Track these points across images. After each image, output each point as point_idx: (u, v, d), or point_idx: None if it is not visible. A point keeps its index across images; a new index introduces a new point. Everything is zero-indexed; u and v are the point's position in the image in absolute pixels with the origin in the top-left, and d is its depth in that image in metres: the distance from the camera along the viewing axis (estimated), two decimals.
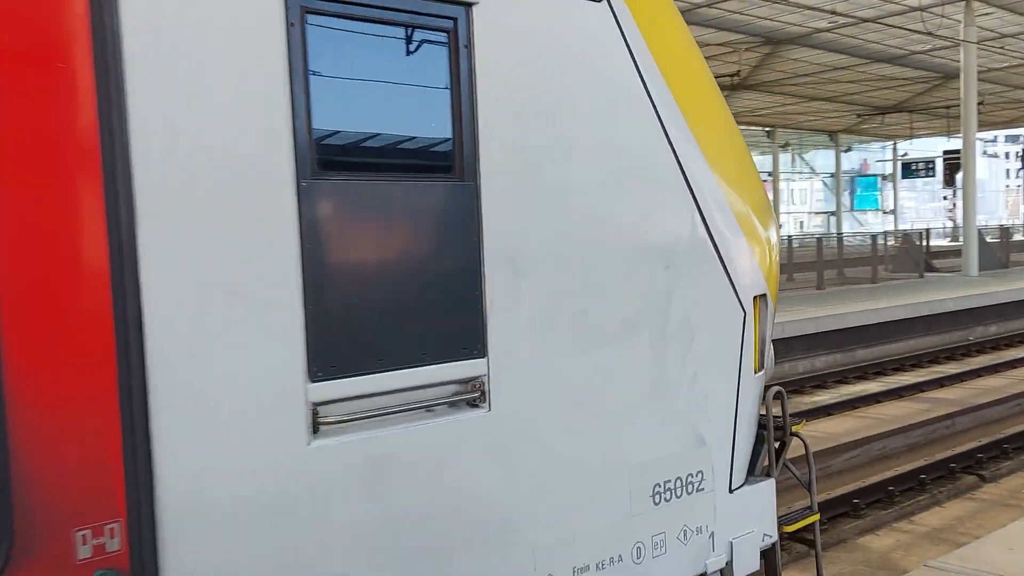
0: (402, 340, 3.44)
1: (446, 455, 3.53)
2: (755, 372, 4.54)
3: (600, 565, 3.99)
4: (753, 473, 4.67)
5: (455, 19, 3.51)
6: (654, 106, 4.04)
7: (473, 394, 3.60)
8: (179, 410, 2.98)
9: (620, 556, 4.07)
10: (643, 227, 4.08)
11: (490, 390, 3.66)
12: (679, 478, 4.25)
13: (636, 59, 3.96)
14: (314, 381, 3.24)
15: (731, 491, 4.44)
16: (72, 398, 2.79)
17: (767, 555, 4.66)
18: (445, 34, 3.47)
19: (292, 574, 3.22)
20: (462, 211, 3.56)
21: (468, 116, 3.55)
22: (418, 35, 3.39)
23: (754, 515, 4.55)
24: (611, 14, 3.90)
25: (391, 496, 3.41)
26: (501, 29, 3.61)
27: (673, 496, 4.23)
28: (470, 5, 3.55)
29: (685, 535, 4.28)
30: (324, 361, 3.27)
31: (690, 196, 4.19)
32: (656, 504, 4.17)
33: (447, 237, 3.54)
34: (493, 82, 3.60)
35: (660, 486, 4.19)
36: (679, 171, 4.14)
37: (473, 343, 3.61)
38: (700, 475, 4.31)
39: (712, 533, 4.37)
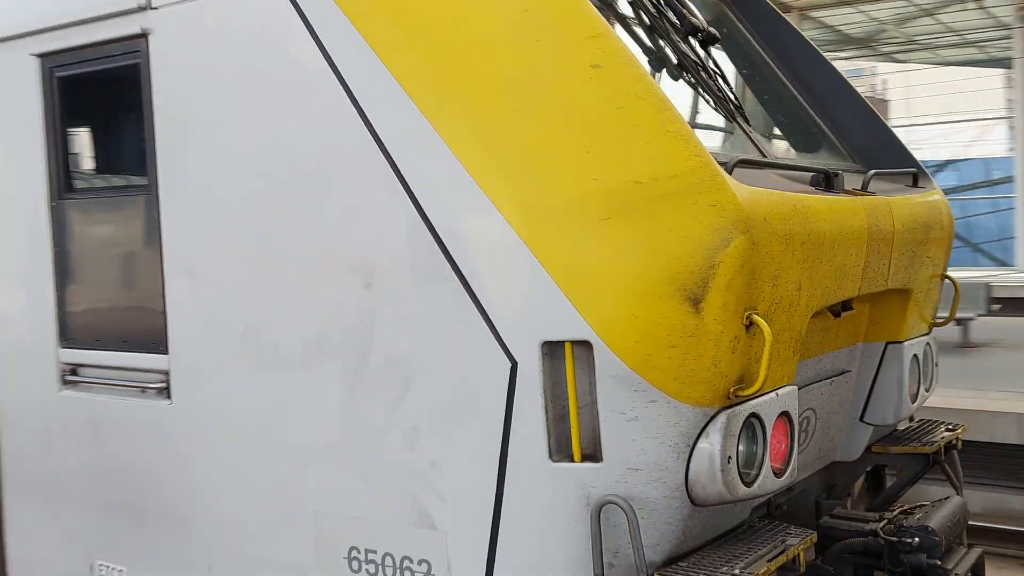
0: (113, 328, 4.41)
1: (140, 430, 4.26)
2: (551, 458, 3.13)
3: None
4: None
5: (135, 52, 4.03)
6: (351, 95, 3.34)
7: (161, 385, 4.18)
8: None
9: None
10: (328, 237, 3.42)
11: (171, 384, 4.13)
12: (389, 555, 3.41)
13: (324, 44, 3.40)
14: (63, 347, 4.59)
15: None
16: None
17: None
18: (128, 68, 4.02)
19: (40, 487, 4.69)
20: (148, 223, 4.13)
21: (149, 140, 4.04)
22: (99, 67, 4.15)
23: None
24: (293, 8, 3.51)
25: (104, 450, 4.42)
26: (176, 59, 3.89)
27: (380, 572, 3.45)
28: (145, 36, 4.00)
29: None
30: (67, 333, 4.56)
31: (407, 197, 3.24)
32: (354, 571, 3.51)
33: (137, 247, 4.26)
34: (166, 111, 3.98)
35: (359, 552, 3.49)
36: (388, 167, 3.26)
37: (159, 340, 4.16)
38: (426, 566, 3.35)
39: None
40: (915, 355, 4.37)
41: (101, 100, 4.62)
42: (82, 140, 4.87)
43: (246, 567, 3.81)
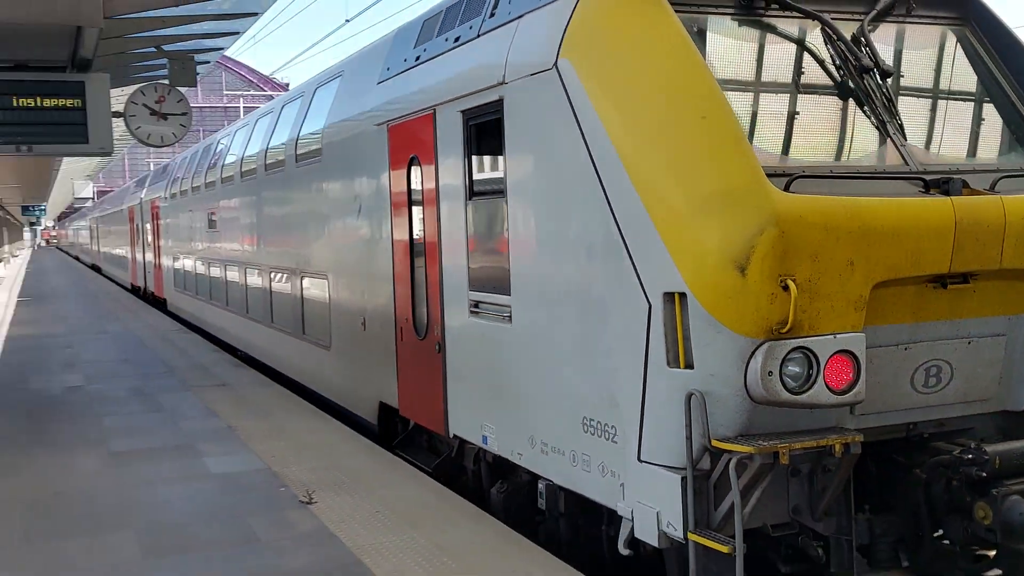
0: (488, 280, 6.59)
1: (499, 341, 6.40)
2: (668, 365, 4.79)
3: (548, 449, 5.87)
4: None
5: (499, 109, 6.24)
6: (590, 154, 5.24)
7: (507, 314, 6.27)
8: None
9: (562, 451, 5.72)
10: (576, 232, 5.46)
11: (512, 314, 6.20)
12: (598, 420, 5.38)
13: (579, 120, 5.32)
14: (470, 291, 6.72)
15: (639, 459, 5.05)
16: None
17: (679, 553, 5.06)
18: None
19: (462, 375, 6.90)
20: (502, 217, 6.32)
21: (504, 165, 6.32)
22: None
23: (659, 496, 4.92)
24: (557, 86, 5.47)
25: (487, 353, 6.55)
26: (513, 115, 6.10)
27: (595, 432, 5.43)
28: (501, 99, 6.18)
29: (602, 470, 5.37)
30: (472, 283, 6.73)
31: (609, 209, 5.12)
32: (584, 432, 5.52)
33: (498, 230, 6.43)
34: (511, 147, 6.10)
35: (587, 420, 5.48)
36: (603, 194, 5.17)
37: (506, 288, 6.27)
38: (613, 429, 5.27)
39: (623, 484, 5.21)
40: None
41: (488, 138, 6.49)
42: (479, 163, 6.71)
43: (544, 420, 5.91)
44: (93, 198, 69.86)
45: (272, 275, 12.13)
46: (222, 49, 12.11)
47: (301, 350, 10.99)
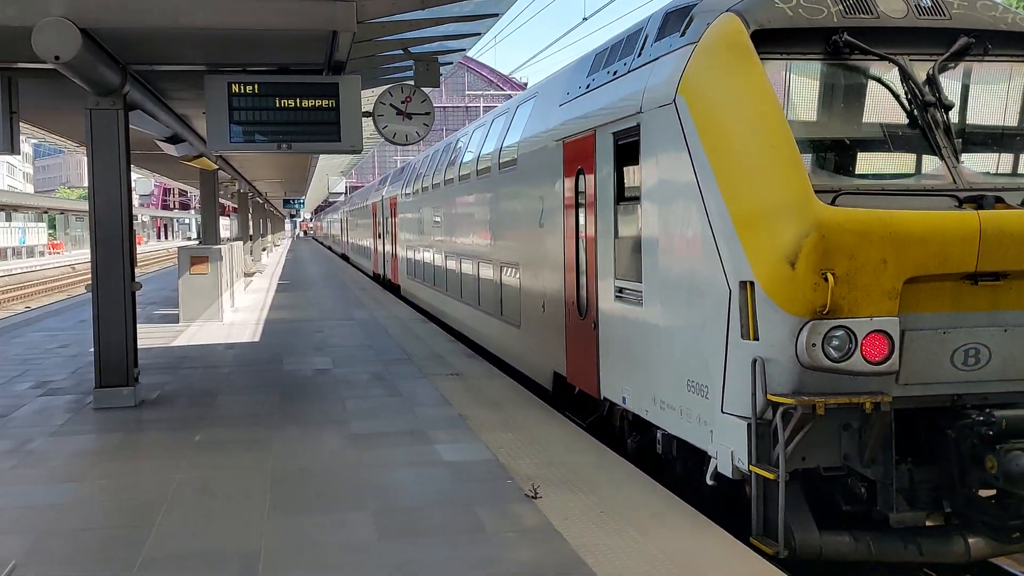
0: (628, 270, 8.12)
1: (634, 321, 7.98)
2: (742, 338, 6.27)
3: (664, 406, 7.35)
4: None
5: (637, 133, 7.73)
6: (695, 172, 6.66)
7: (639, 298, 7.85)
8: None
9: (673, 407, 7.19)
10: (684, 235, 6.94)
11: (643, 299, 7.70)
12: (697, 382, 6.82)
13: (689, 147, 6.76)
14: (616, 279, 8.35)
15: (722, 411, 6.48)
16: None
17: (742, 485, 6.54)
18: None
19: (612, 349, 8.38)
20: (645, 221, 7.68)
21: (640, 180, 7.72)
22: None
23: (733, 439, 6.37)
24: (675, 117, 6.92)
25: (626, 330, 8.11)
26: (646, 139, 7.59)
27: (694, 391, 6.87)
28: (639, 125, 7.72)
29: (699, 420, 6.80)
30: (616, 272, 8.37)
31: (706, 217, 6.56)
32: (687, 391, 6.98)
33: (633, 231, 7.95)
34: (644, 164, 7.55)
35: (691, 382, 6.91)
36: (702, 205, 6.63)
37: (638, 277, 7.87)
38: (706, 388, 6.71)
39: (711, 431, 6.64)
40: None
41: (629, 156, 7.99)
42: (623, 175, 8.30)
43: (662, 382, 7.43)
44: (345, 193, 74.42)
45: (478, 264, 14.41)
46: (464, 50, 12.44)
47: (500, 329, 13.13)
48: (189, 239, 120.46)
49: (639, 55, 8.00)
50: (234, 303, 22.34)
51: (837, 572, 6.70)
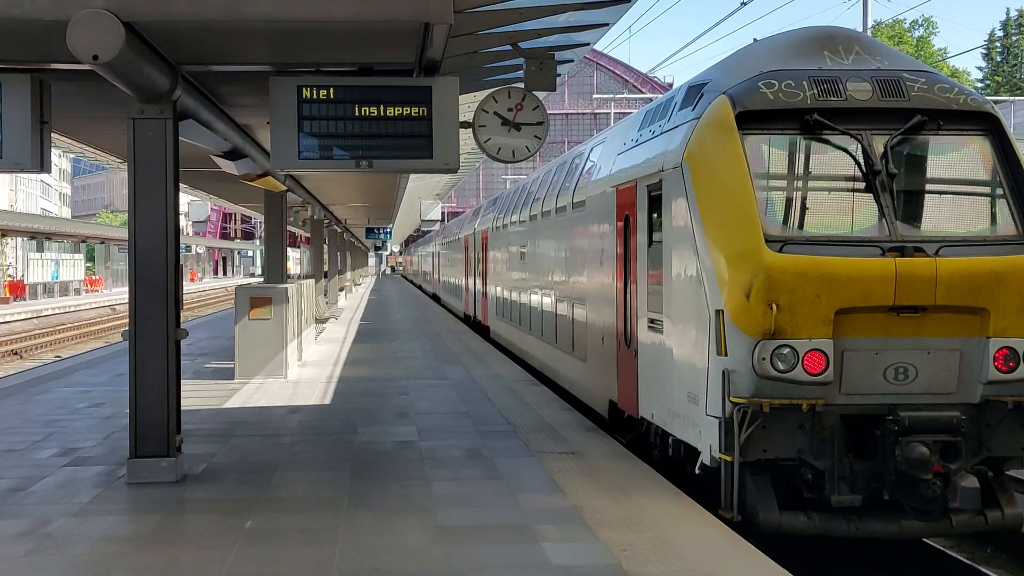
0: (655, 305, 11.82)
1: (657, 344, 11.69)
2: (717, 354, 9.82)
3: (676, 416, 10.79)
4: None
5: (660, 186, 11.58)
6: (692, 218, 10.33)
7: (659, 326, 11.58)
8: None
9: (682, 416, 10.64)
10: (682, 270, 10.65)
11: (664, 327, 11.33)
12: (693, 392, 10.31)
13: (688, 197, 10.45)
14: (648, 312, 12.11)
15: (706, 414, 9.97)
16: None
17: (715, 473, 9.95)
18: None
19: (646, 372, 12.19)
20: (657, 259, 11.75)
21: (662, 225, 11.68)
22: None
23: (712, 435, 9.85)
24: (681, 178, 10.55)
25: (654, 354, 11.82)
26: (666, 194, 11.34)
27: (692, 401, 10.34)
28: (661, 181, 11.45)
29: (693, 424, 10.31)
30: (648, 306, 12.13)
31: (696, 254, 10.21)
32: (688, 401, 10.46)
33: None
34: (666, 214, 11.28)
35: (690, 393, 10.40)
36: (695, 246, 10.27)
37: (661, 310, 11.66)
38: (698, 396, 10.19)
39: (700, 431, 10.15)
40: (1011, 348, 9.79)
41: (656, 205, 11.66)
42: (653, 221, 11.90)
43: (674, 397, 10.90)
44: (441, 221, 75.60)
45: (555, 301, 18.40)
46: (588, 44, 12.52)
47: (571, 364, 17.06)
48: (252, 275, 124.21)
49: (668, 120, 11.81)
50: (302, 356, 22.85)
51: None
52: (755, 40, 12.15)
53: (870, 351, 9.70)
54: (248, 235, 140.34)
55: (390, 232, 67.74)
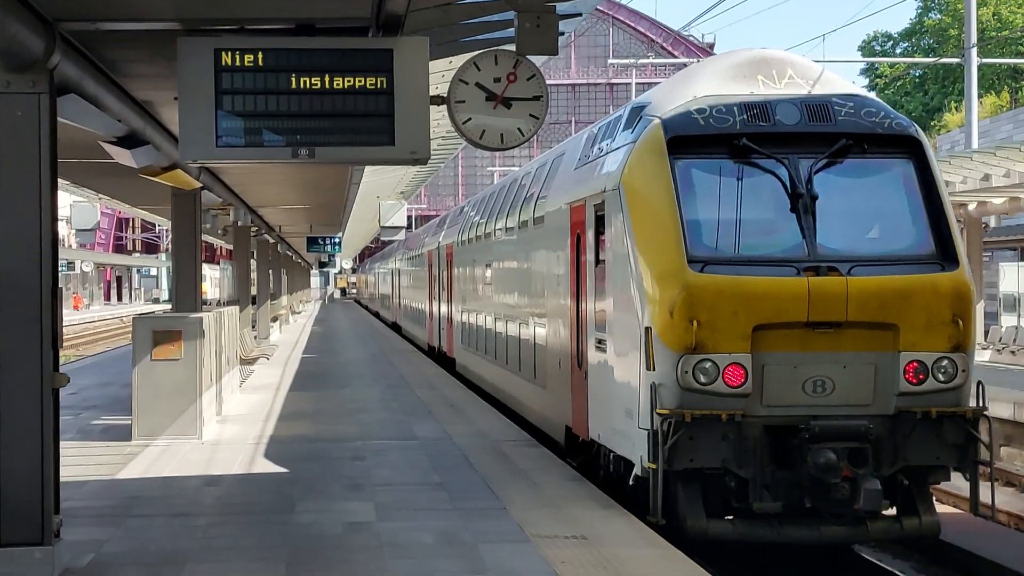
0: (600, 323, 15.93)
1: (602, 363, 15.64)
2: (647, 369, 13.31)
3: (616, 434, 14.75)
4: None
5: (603, 207, 15.65)
6: (629, 241, 14.03)
7: (604, 345, 15.60)
8: None
9: (621, 432, 14.47)
10: (619, 292, 14.67)
11: (607, 345, 15.34)
12: (629, 408, 13.99)
13: (625, 221, 14.22)
14: (595, 332, 16.17)
15: (639, 427, 13.38)
16: None
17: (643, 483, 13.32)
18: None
19: (595, 392, 16.11)
20: (598, 282, 16.19)
21: (604, 243, 16.04)
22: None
23: (643, 447, 13.13)
24: (619, 199, 14.37)
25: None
26: (607, 215, 15.38)
27: (628, 416, 14.06)
28: (604, 202, 15.50)
29: (628, 438, 14.02)
30: (596, 326, 16.22)
31: (632, 274, 13.95)
32: (626, 417, 14.18)
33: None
34: (609, 233, 15.28)
35: (627, 409, 14.09)
36: (630, 267, 14.04)
37: (604, 329, 15.74)
38: (632, 411, 13.86)
39: (634, 444, 13.73)
40: (920, 361, 13.16)
41: (601, 225, 15.39)
42: (598, 240, 15.57)
43: (614, 414, 14.86)
44: (408, 228, 75.58)
45: (518, 325, 22.12)
46: None
47: (532, 392, 21.06)
48: (157, 300, 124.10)
49: (614, 140, 15.66)
50: (222, 409, 22.82)
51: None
52: (698, 60, 16.84)
53: (789, 365, 13.22)
54: (151, 247, 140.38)
55: (339, 243, 67.66)
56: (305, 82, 10.44)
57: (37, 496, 10.58)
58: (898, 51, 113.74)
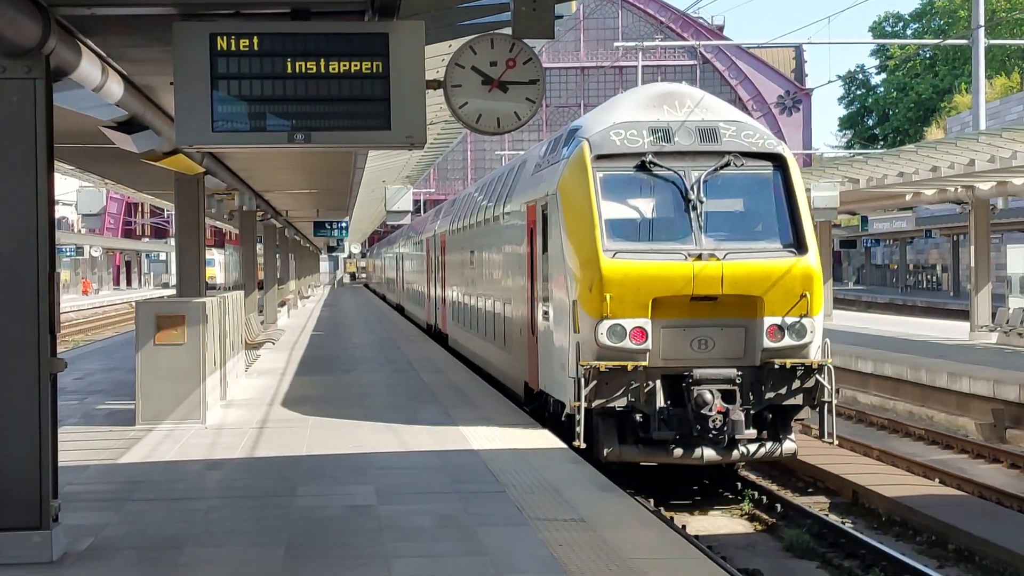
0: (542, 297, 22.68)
1: (549, 330, 21.13)
2: (574, 332, 18.45)
3: (554, 383, 20.32)
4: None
5: (547, 208, 21.25)
6: (562, 235, 19.45)
7: (548, 317, 21.25)
8: None
9: (558, 381, 19.93)
10: (557, 274, 20.01)
11: (550, 317, 21.30)
12: (563, 363, 19.27)
13: (559, 218, 19.71)
14: (541, 303, 21.83)
15: (568, 376, 18.53)
16: None
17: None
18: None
19: (544, 351, 21.74)
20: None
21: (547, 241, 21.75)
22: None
23: (570, 391, 18.25)
24: (556, 202, 19.83)
25: (547, 339, 21.11)
26: (550, 215, 20.92)
27: (562, 368, 19.36)
28: (547, 203, 21.11)
29: (562, 385, 19.50)
30: (541, 296, 22.17)
31: (566, 256, 19.18)
32: (561, 369, 19.45)
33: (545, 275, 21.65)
34: (549, 229, 21.02)
35: (561, 363, 19.45)
36: (564, 253, 19.34)
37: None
38: (565, 364, 19.14)
39: (566, 390, 18.84)
40: (777, 325, 18.21)
41: (545, 221, 20.75)
42: (544, 233, 20.95)
43: (553, 369, 20.34)
44: (418, 211, 75.48)
45: (493, 302, 27.17)
46: None
47: (501, 356, 26.15)
48: (166, 285, 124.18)
49: (557, 153, 20.64)
50: (226, 394, 22.87)
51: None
52: (621, 92, 21.41)
53: (679, 328, 18.11)
54: (160, 232, 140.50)
55: (346, 228, 67.61)
56: (301, 66, 10.45)
57: (35, 480, 10.63)
58: (909, 32, 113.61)
